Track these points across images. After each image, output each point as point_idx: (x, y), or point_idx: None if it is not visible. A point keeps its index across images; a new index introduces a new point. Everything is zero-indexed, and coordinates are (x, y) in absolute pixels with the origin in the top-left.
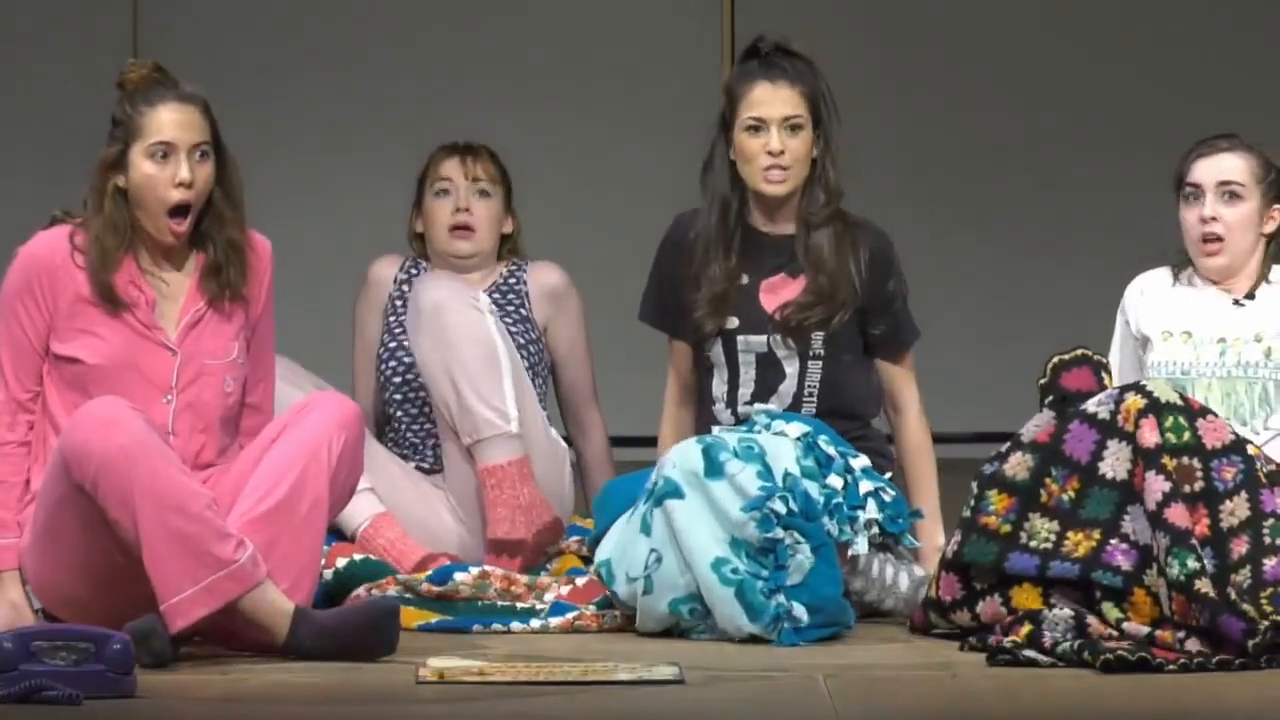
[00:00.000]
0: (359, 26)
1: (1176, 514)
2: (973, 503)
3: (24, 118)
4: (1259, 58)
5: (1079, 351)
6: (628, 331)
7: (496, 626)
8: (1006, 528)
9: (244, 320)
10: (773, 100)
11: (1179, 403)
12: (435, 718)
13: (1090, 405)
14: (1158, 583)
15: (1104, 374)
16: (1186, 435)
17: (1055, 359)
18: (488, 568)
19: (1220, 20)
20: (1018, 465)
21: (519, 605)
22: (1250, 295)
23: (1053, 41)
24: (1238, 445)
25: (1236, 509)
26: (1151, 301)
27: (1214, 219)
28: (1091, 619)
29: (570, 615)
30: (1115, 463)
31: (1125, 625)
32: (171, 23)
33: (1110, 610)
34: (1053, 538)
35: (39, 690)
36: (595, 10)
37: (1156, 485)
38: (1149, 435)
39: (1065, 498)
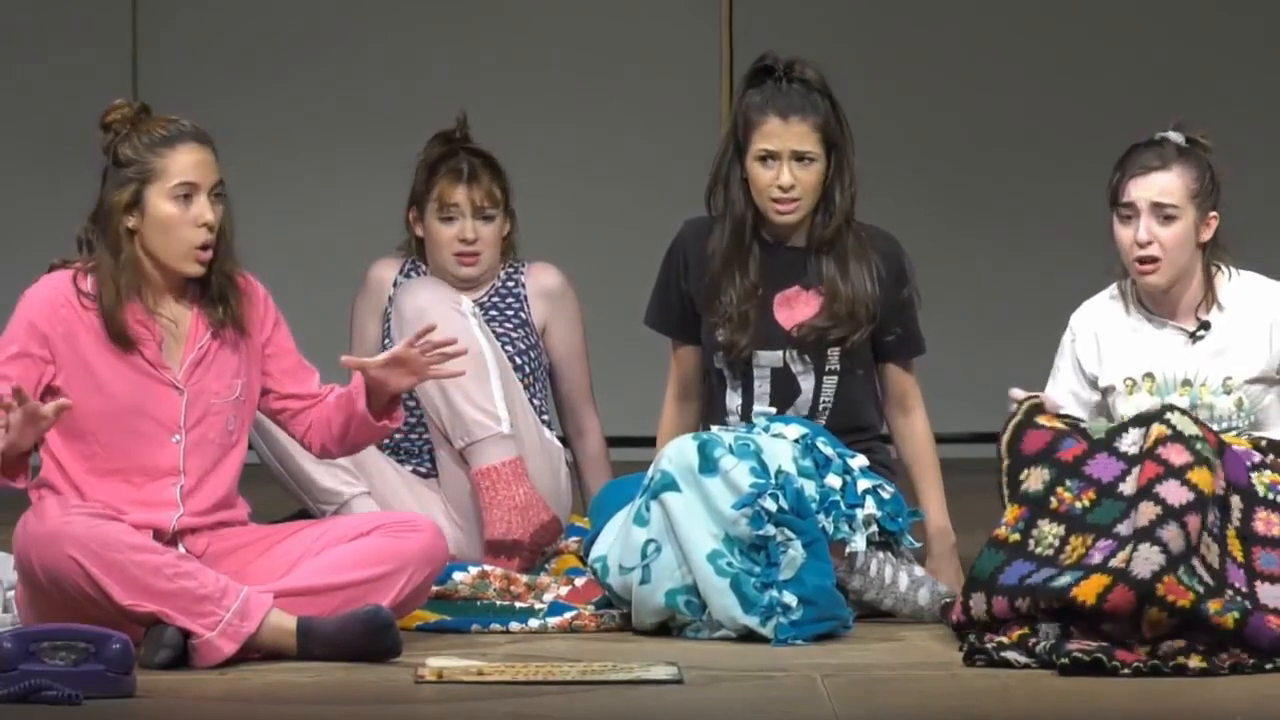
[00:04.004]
0: (359, 25)
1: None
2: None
3: (24, 116)
4: (1260, 55)
5: (1026, 411)
6: (625, 331)
7: (495, 626)
8: (1015, 537)
9: (246, 357)
10: (784, 135)
11: (1199, 434)
12: (434, 717)
13: (1123, 444)
14: (1126, 558)
15: (1059, 422)
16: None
17: (1008, 432)
18: (487, 567)
19: (1222, 17)
20: (1034, 479)
21: (518, 605)
22: (1205, 325)
23: (1053, 40)
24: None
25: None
26: (1107, 347)
27: (1150, 241)
28: (1076, 628)
29: (568, 615)
30: (1133, 480)
31: (1107, 626)
32: (171, 19)
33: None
34: (1056, 543)
35: (39, 690)
36: (595, 10)
37: (1180, 493)
38: (1176, 457)
39: (1078, 505)
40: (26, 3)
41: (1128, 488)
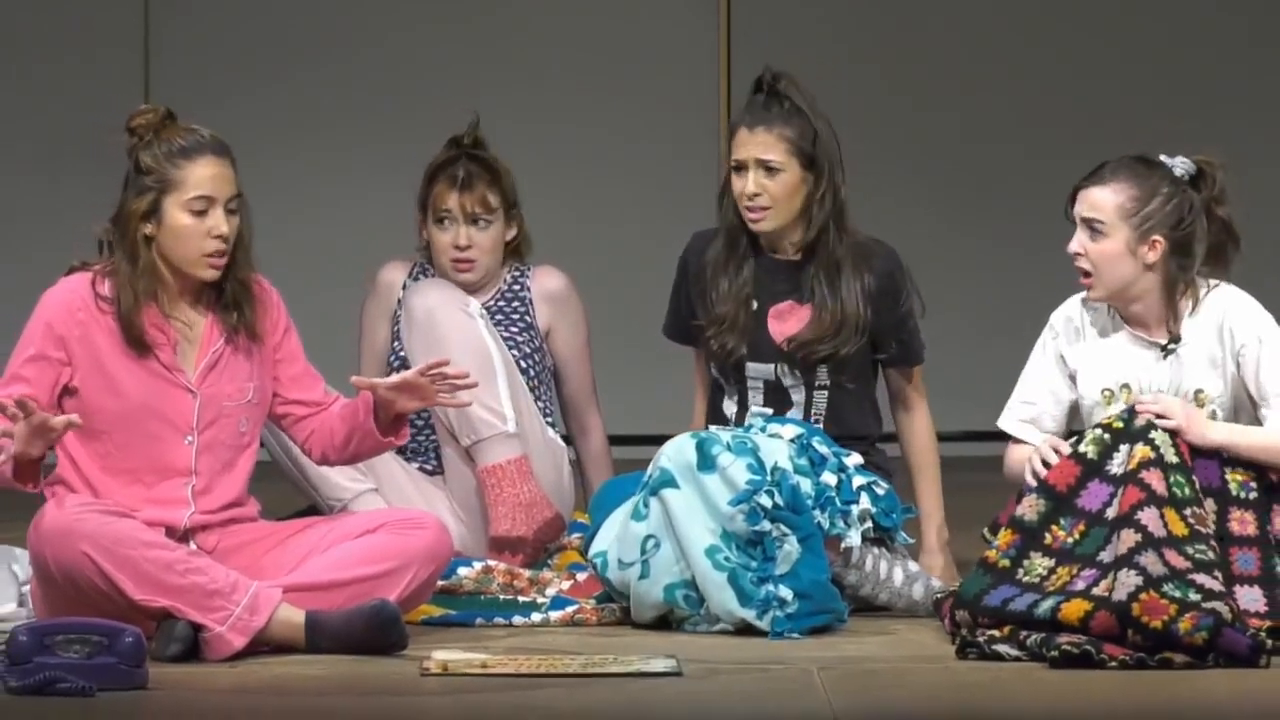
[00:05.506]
0: (361, 27)
1: (1173, 557)
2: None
3: (26, 116)
4: (1260, 55)
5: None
6: (625, 331)
7: (499, 620)
8: (1005, 563)
9: (259, 361)
10: (748, 144)
11: (1178, 463)
12: (439, 709)
13: (1113, 465)
14: (1109, 587)
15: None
16: (1188, 490)
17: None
18: (491, 563)
19: (1220, 18)
20: (1029, 507)
21: (521, 599)
22: (1176, 339)
23: (1052, 40)
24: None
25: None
26: (1088, 347)
27: (1078, 254)
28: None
29: (570, 609)
30: (1117, 504)
31: (1092, 622)
32: (178, 20)
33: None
34: (1045, 573)
35: (53, 683)
36: (595, 10)
37: (1159, 525)
38: (1158, 484)
39: (1070, 541)
40: (36, 4)
41: (1112, 511)
